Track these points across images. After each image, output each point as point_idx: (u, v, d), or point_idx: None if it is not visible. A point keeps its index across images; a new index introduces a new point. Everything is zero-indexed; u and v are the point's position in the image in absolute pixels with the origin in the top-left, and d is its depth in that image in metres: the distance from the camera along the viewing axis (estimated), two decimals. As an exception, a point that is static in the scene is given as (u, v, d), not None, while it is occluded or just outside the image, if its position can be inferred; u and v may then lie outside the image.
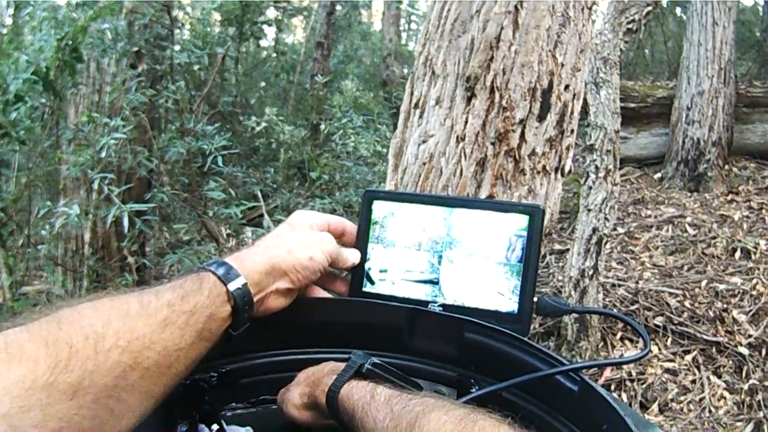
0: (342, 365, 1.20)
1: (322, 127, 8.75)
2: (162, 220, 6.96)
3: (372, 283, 1.46)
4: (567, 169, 2.43)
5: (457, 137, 2.22)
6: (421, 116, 2.39)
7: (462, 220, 1.42)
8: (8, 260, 6.77)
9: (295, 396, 1.22)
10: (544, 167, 2.28)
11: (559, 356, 1.15)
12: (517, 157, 2.22)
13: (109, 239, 6.78)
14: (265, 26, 9.40)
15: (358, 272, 1.47)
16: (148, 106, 6.08)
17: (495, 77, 2.23)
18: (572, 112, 2.40)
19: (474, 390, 1.24)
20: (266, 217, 6.27)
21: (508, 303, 1.35)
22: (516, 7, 2.30)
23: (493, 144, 2.20)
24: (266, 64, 11.95)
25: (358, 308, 1.38)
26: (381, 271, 1.46)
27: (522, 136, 2.23)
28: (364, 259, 1.47)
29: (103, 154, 5.37)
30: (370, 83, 13.27)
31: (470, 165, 2.19)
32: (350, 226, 1.49)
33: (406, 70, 12.32)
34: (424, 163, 2.28)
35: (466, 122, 2.22)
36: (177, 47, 6.73)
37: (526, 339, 1.20)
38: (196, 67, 6.95)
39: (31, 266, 8.01)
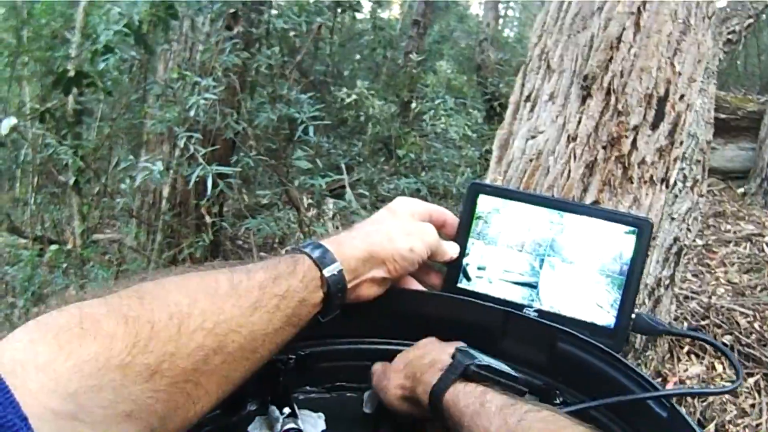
0: (442, 353, 1.17)
1: (413, 105, 8.72)
2: (244, 183, 7.00)
3: (468, 279, 1.45)
4: (672, 181, 2.37)
5: (569, 137, 2.18)
6: (531, 110, 2.35)
7: (569, 225, 1.40)
8: (83, 208, 6.89)
9: (394, 387, 1.19)
10: (651, 177, 2.23)
11: (650, 379, 1.13)
12: (626, 164, 2.17)
13: (187, 197, 6.84)
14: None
15: (455, 267, 1.45)
16: (241, 68, 6.09)
17: (613, 79, 2.19)
18: (684, 123, 2.35)
19: (558, 401, 1.22)
20: (348, 190, 6.26)
21: (606, 316, 1.33)
22: (639, 8, 2.26)
23: (604, 148, 2.16)
24: (362, 38, 11.95)
25: (452, 304, 1.36)
26: (479, 269, 1.44)
27: (634, 142, 2.18)
28: (462, 253, 1.45)
29: (192, 113, 5.39)
30: (464, 66, 13.19)
31: (579, 167, 2.15)
32: (451, 218, 1.47)
33: (501, 56, 12.20)
34: (531, 160, 2.25)
35: (579, 122, 2.18)
36: (274, 12, 6.74)
37: (619, 356, 1.17)
38: (291, 34, 6.95)
39: (105, 215, 8.13)
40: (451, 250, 1.41)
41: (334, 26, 9.79)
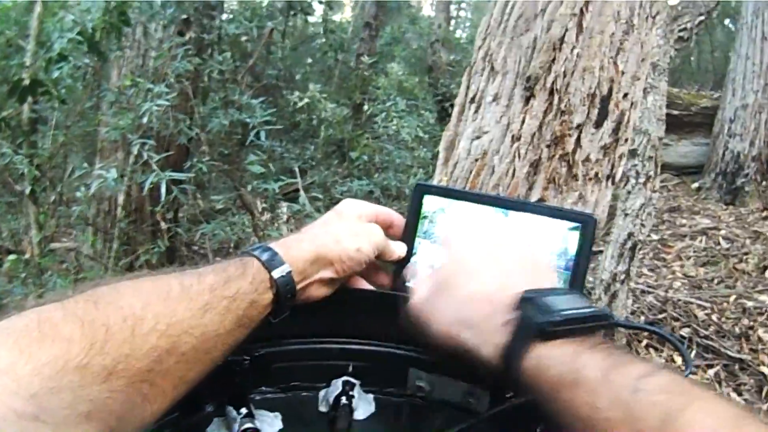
0: (501, 296, 1.04)
1: (365, 107, 8.74)
2: (198, 188, 6.98)
3: (416, 277, 1.45)
4: (618, 177, 2.40)
5: (513, 136, 2.21)
6: (476, 111, 2.37)
7: (510, 221, 1.41)
8: (39, 217, 6.82)
9: (439, 331, 1.09)
10: (596, 174, 2.26)
11: None
12: (571, 162, 2.20)
13: (142, 203, 6.81)
14: (314, 2, 9.40)
15: (403, 266, 1.46)
16: (193, 74, 6.08)
17: (556, 79, 2.21)
18: (629, 121, 2.38)
19: (509, 395, 1.23)
20: (302, 193, 6.26)
21: None
22: (582, 9, 2.28)
23: (548, 147, 2.18)
24: (314, 41, 11.96)
25: (398, 302, 1.37)
26: (429, 268, 1.44)
27: (578, 141, 2.21)
28: (410, 253, 1.46)
29: (145, 120, 5.38)
30: (415, 67, 13.26)
31: (524, 166, 2.17)
32: (398, 219, 1.47)
33: (452, 57, 12.26)
34: (477, 160, 2.27)
35: (523, 122, 2.21)
36: (226, 17, 6.73)
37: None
38: (243, 39, 6.95)
39: (61, 224, 8.07)
40: (398, 249, 1.42)
41: (285, 30, 9.79)
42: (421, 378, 1.30)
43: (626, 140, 2.39)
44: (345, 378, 1.29)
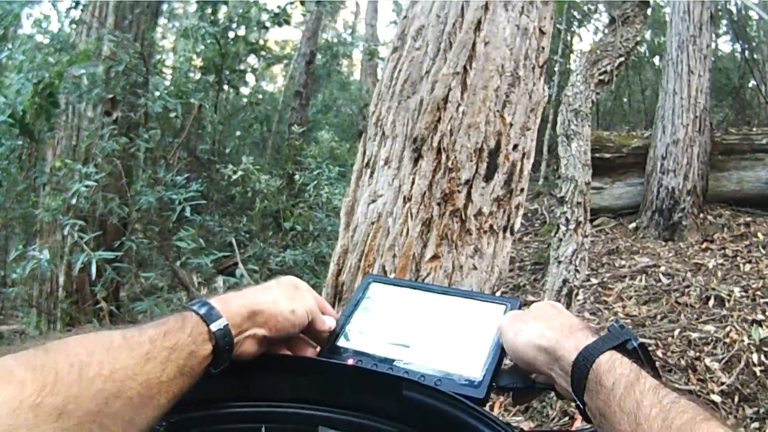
0: (579, 320, 1.25)
1: (297, 177, 8.78)
2: (138, 266, 6.96)
3: (347, 339, 1.51)
4: (516, 227, 2.46)
5: (404, 197, 2.26)
6: (371, 176, 2.42)
7: (445, 303, 1.54)
8: (-18, 300, 6.79)
9: (533, 333, 1.27)
10: (491, 226, 2.31)
11: (503, 422, 1.16)
12: (463, 216, 2.25)
13: (83, 283, 6.78)
14: (245, 73, 9.47)
15: (336, 332, 1.52)
16: (123, 153, 6.11)
17: (442, 138, 2.27)
18: (522, 171, 2.44)
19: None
20: (240, 266, 6.29)
21: (471, 370, 1.38)
22: (465, 67, 2.35)
23: (439, 204, 2.24)
24: (244, 113, 12.06)
25: (309, 364, 1.40)
26: (359, 332, 1.51)
27: (468, 196, 2.26)
28: (344, 323, 1.52)
29: (74, 201, 5.39)
30: (347, 133, 13.38)
31: (416, 225, 2.22)
32: (330, 308, 1.54)
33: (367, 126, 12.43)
34: (373, 222, 2.31)
35: (413, 183, 2.26)
36: (156, 93, 6.78)
37: (465, 401, 1.21)
38: (172, 115, 7.00)
39: (6, 306, 8.00)
40: (329, 321, 1.48)
41: (217, 103, 9.85)
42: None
43: (521, 190, 2.45)
44: None
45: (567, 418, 5.38)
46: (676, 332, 6.39)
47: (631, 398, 1.02)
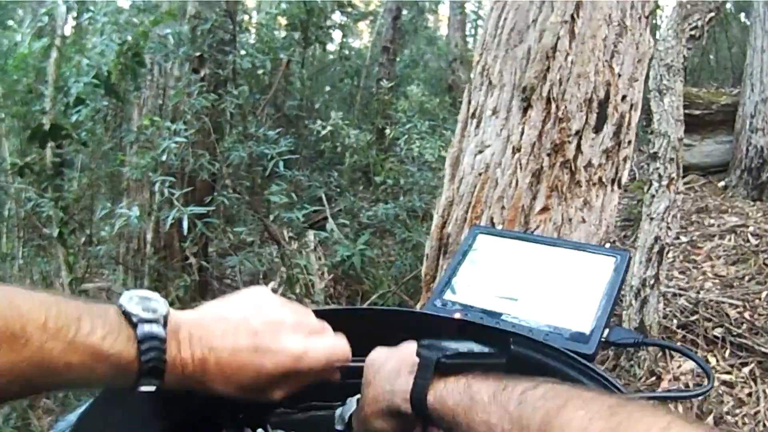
0: (405, 354, 1.13)
1: (387, 131, 8.74)
2: (226, 222, 7.02)
3: (454, 292, 1.50)
4: (624, 180, 2.41)
5: (513, 148, 2.23)
6: (477, 126, 2.40)
7: (553, 255, 1.52)
8: (69, 258, 6.91)
9: (369, 404, 1.14)
10: (600, 179, 2.27)
11: (616, 382, 1.13)
12: (573, 168, 2.21)
13: (171, 239, 6.88)
14: (331, 30, 9.45)
15: (442, 282, 1.52)
16: (211, 110, 6.14)
17: (551, 88, 2.23)
18: (629, 123, 2.39)
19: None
20: (330, 220, 6.30)
21: (582, 325, 1.36)
22: (572, 16, 2.30)
23: (549, 155, 2.20)
24: (332, 68, 12.03)
25: (414, 318, 1.39)
26: (466, 285, 1.50)
27: (578, 147, 2.23)
28: (451, 275, 1.52)
29: (165, 157, 5.45)
30: (436, 88, 13.27)
31: (526, 176, 2.19)
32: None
33: (472, 75, 12.34)
34: (480, 174, 2.29)
35: (522, 133, 2.23)
36: (243, 52, 6.80)
37: (574, 356, 1.19)
38: (260, 72, 7.01)
39: (92, 264, 8.14)
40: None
41: (305, 60, 9.85)
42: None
43: (629, 142, 2.40)
44: (359, 396, 1.31)
45: (654, 378, 5.33)
46: (764, 294, 6.26)
47: (478, 424, 0.92)
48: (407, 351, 1.11)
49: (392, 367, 1.11)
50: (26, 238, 8.49)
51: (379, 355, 1.17)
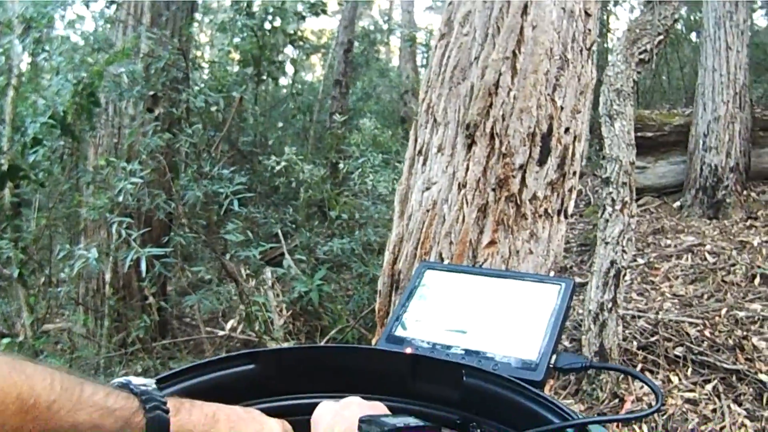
0: (352, 424, 1.12)
1: (341, 165, 8.78)
2: (183, 260, 7.01)
3: (405, 328, 1.53)
4: (570, 210, 2.45)
5: (459, 184, 2.26)
6: (424, 163, 2.43)
7: (500, 287, 1.56)
8: (29, 299, 6.85)
9: None
10: (546, 210, 2.31)
11: (567, 408, 1.16)
12: (518, 201, 2.25)
13: (130, 279, 6.86)
14: (284, 64, 9.48)
15: (393, 319, 1.54)
16: (166, 149, 6.16)
17: (494, 123, 2.27)
18: (573, 154, 2.43)
19: (476, 433, 1.27)
20: (287, 256, 6.31)
21: (529, 353, 1.39)
22: (514, 52, 2.34)
23: (494, 190, 2.24)
24: (285, 104, 12.08)
25: (366, 355, 1.41)
26: (416, 321, 1.53)
27: (522, 180, 2.26)
28: (401, 312, 1.54)
29: (121, 198, 5.44)
30: (389, 120, 13.37)
31: (472, 211, 2.22)
32: None
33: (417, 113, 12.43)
34: (428, 210, 2.32)
35: (467, 169, 2.26)
36: (197, 88, 6.81)
37: (524, 385, 1.21)
38: (213, 109, 7.03)
39: (52, 304, 8.08)
40: None
41: (257, 96, 9.88)
42: None
43: (574, 173, 2.44)
44: None
45: (617, 401, 5.37)
46: (723, 311, 6.35)
47: None
48: (351, 419, 1.12)
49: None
50: (-14, 280, 8.41)
51: (325, 412, 1.19)
